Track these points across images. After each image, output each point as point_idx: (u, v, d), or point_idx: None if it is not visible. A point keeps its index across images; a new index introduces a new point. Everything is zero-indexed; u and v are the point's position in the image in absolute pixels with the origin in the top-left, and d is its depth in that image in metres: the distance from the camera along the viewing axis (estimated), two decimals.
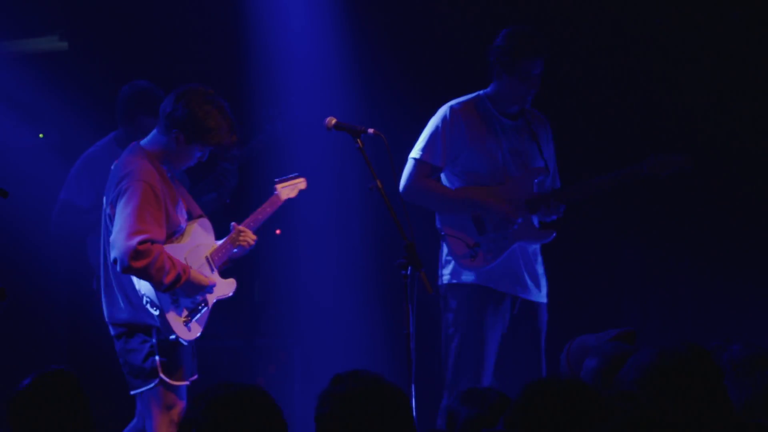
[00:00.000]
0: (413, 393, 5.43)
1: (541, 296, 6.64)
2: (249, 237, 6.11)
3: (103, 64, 8.01)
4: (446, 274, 6.59)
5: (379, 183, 5.83)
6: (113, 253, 5.64)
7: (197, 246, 5.98)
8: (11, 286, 5.67)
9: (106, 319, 5.94)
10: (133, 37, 8.11)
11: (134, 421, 6.09)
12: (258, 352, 7.93)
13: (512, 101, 6.57)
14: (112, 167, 5.93)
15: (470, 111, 6.62)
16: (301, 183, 6.44)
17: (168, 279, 5.67)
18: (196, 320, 5.91)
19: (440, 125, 6.59)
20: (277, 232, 8.09)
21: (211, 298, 5.98)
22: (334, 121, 5.94)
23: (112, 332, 5.92)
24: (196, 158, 5.97)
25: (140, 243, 5.60)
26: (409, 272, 5.75)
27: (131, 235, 5.60)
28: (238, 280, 8.07)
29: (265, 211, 6.30)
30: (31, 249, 7.69)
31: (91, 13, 8.14)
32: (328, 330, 8.09)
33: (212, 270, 6.01)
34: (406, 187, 6.57)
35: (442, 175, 6.67)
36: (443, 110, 6.65)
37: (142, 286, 5.75)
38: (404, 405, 3.66)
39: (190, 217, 5.98)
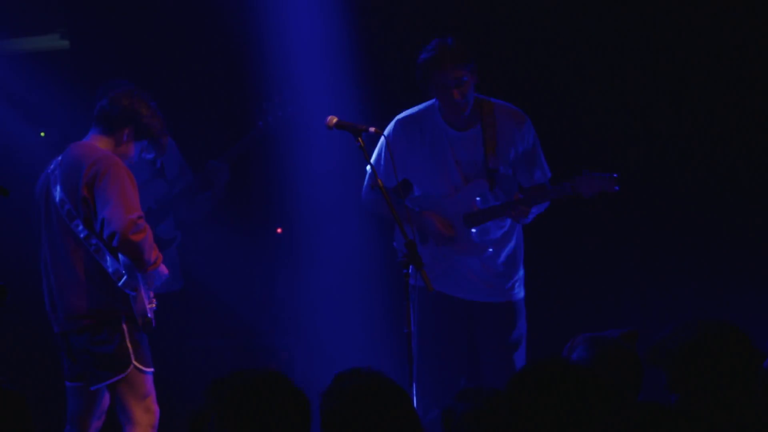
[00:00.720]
0: (414, 392, 5.43)
1: (498, 295, 6.58)
2: None
3: (104, 63, 8.00)
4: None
5: (379, 182, 5.83)
6: (111, 227, 5.74)
7: None
8: (12, 285, 5.68)
9: (61, 316, 5.95)
10: (134, 35, 8.10)
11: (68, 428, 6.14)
12: (258, 351, 7.92)
13: (449, 113, 6.51)
14: (61, 159, 6.00)
15: (415, 123, 6.59)
16: None
17: (154, 256, 5.84)
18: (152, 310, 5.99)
19: (383, 141, 6.50)
20: (278, 230, 8.08)
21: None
22: (335, 119, 5.94)
23: (70, 327, 5.92)
24: (137, 155, 6.12)
25: (139, 217, 5.77)
26: (410, 271, 5.76)
27: (130, 209, 5.76)
28: (238, 279, 8.10)
29: None
30: (31, 247, 7.68)
31: (92, 11, 8.14)
32: (329, 329, 8.08)
33: None
34: (361, 198, 6.62)
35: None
36: (390, 124, 6.63)
37: (123, 267, 5.83)
38: (407, 401, 3.68)
39: None
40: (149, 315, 5.88)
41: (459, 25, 7.69)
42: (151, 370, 5.98)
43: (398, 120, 6.62)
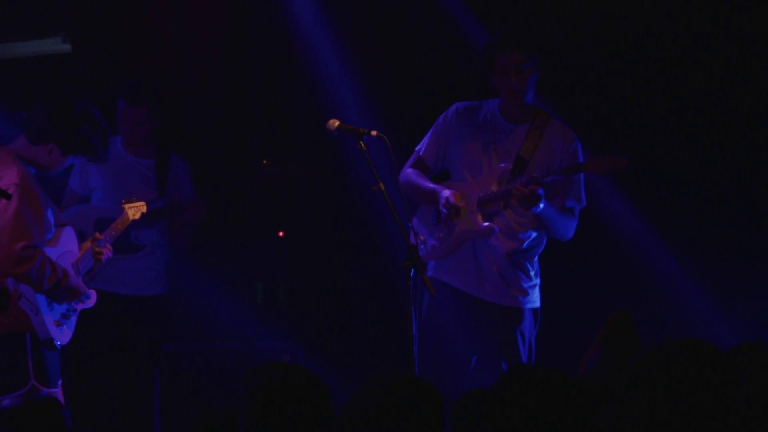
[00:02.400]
0: None
1: (505, 299, 6.52)
2: (106, 251, 6.20)
3: (107, 67, 8.01)
4: None
5: (382, 185, 5.83)
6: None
7: (65, 252, 6.00)
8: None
9: None
10: (137, 39, 8.10)
11: None
12: (261, 355, 7.91)
13: (504, 102, 6.55)
14: None
15: (470, 112, 6.62)
16: (142, 206, 6.72)
17: (49, 283, 5.71)
18: (67, 326, 5.91)
19: (438, 120, 6.65)
20: (280, 234, 8.07)
21: (79, 306, 6.01)
22: (337, 123, 5.94)
23: None
24: (67, 165, 6.04)
25: (24, 249, 5.61)
26: (412, 274, 5.76)
27: (13, 240, 5.60)
28: (241, 283, 8.09)
29: (117, 228, 6.49)
30: None
31: (94, 15, 8.14)
32: (332, 332, 8.08)
33: (78, 277, 6.02)
34: (400, 174, 6.60)
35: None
36: (450, 108, 6.68)
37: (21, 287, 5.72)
38: (441, 406, 3.70)
39: (57, 223, 5.96)
40: (49, 336, 5.74)
41: (470, 26, 7.71)
42: (54, 389, 5.81)
43: (457, 105, 6.68)
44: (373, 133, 5.92)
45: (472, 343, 6.55)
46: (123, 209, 6.64)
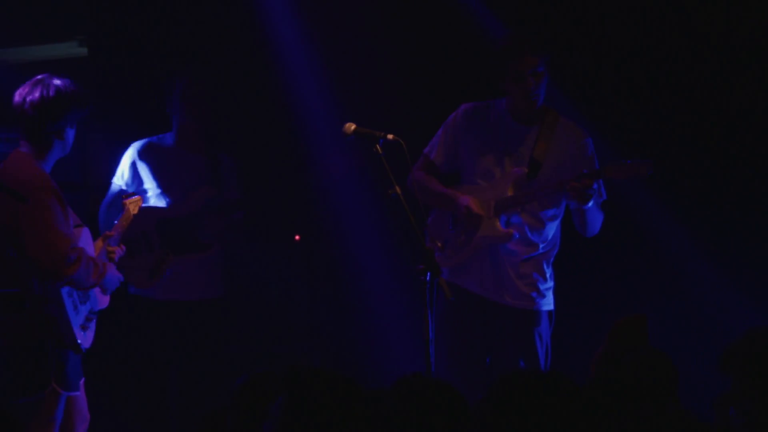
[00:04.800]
0: None
1: (523, 302, 6.51)
2: (118, 251, 6.20)
3: (123, 70, 8.02)
4: None
5: (398, 189, 5.82)
6: (39, 265, 5.56)
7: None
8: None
9: None
10: (152, 42, 8.11)
11: None
12: (277, 358, 7.92)
13: (517, 105, 6.52)
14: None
15: (479, 113, 6.61)
16: (139, 200, 6.63)
17: (94, 278, 5.76)
18: (91, 329, 5.90)
19: (447, 122, 6.64)
20: (296, 238, 8.07)
21: (97, 308, 6.00)
22: (353, 126, 5.93)
23: None
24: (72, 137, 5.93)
25: (72, 250, 5.62)
26: (428, 278, 5.75)
27: (61, 243, 5.60)
28: (258, 287, 8.10)
29: (122, 225, 6.42)
30: None
31: (111, 19, 8.15)
32: (347, 336, 8.07)
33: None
34: (408, 178, 6.57)
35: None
36: (458, 109, 6.66)
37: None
38: (465, 408, 3.72)
39: (73, 224, 5.94)
40: (77, 340, 5.74)
41: (484, 27, 7.70)
42: (76, 392, 5.83)
43: (464, 106, 6.66)
44: (389, 136, 5.92)
45: (488, 345, 6.54)
46: (124, 205, 6.55)
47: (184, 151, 7.30)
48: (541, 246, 6.53)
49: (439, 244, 6.55)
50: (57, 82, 5.81)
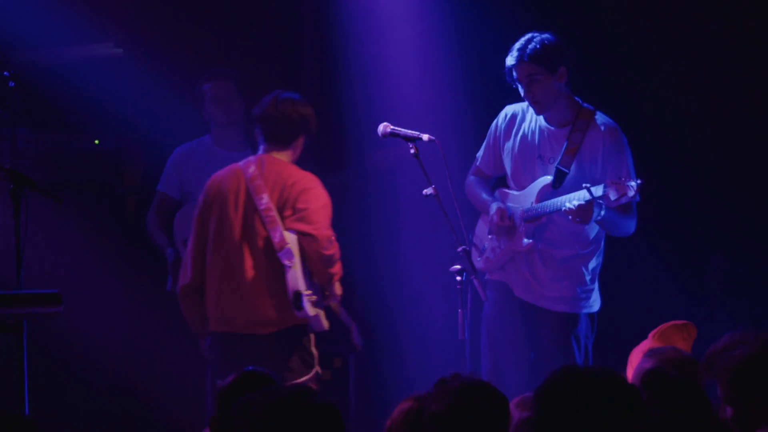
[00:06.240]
0: None
1: (560, 305, 6.44)
2: None
3: (158, 70, 8.04)
4: None
5: (434, 189, 5.82)
6: (329, 249, 6.25)
7: None
8: (72, 293, 5.73)
9: (241, 320, 6.20)
10: (186, 43, 8.14)
11: None
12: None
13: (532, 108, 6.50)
14: (262, 172, 6.26)
15: (518, 117, 6.56)
16: None
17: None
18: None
19: (491, 127, 6.59)
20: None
21: None
22: (389, 127, 5.94)
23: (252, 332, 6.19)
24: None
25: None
26: (464, 278, 5.74)
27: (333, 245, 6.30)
28: None
29: None
30: (83, 251, 7.72)
31: (146, 19, 8.18)
32: (383, 336, 8.07)
33: None
34: (465, 183, 6.62)
35: None
36: (501, 113, 6.63)
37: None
38: (506, 408, 3.73)
39: None
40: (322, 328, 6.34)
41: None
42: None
43: (506, 110, 6.60)
44: (425, 136, 5.92)
45: (529, 344, 6.52)
46: None
47: (224, 151, 7.32)
48: (578, 248, 6.46)
49: (480, 249, 6.54)
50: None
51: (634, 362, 4.67)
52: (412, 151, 5.90)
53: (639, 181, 5.98)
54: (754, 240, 7.67)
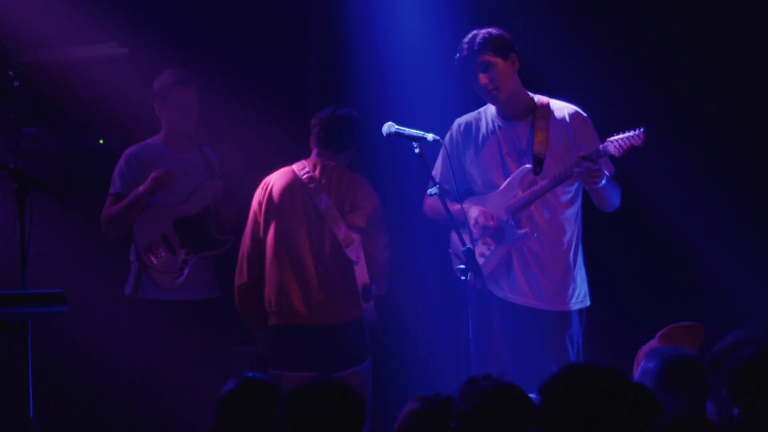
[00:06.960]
0: None
1: (551, 304, 6.45)
2: None
3: (162, 70, 8.04)
4: None
5: (438, 189, 5.82)
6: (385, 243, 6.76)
7: None
8: (78, 293, 5.73)
9: (307, 312, 6.61)
10: (192, 43, 8.14)
11: None
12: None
13: (491, 102, 6.49)
14: (333, 179, 6.72)
15: (473, 124, 6.55)
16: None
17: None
18: None
19: (444, 143, 6.47)
20: None
21: None
22: (395, 127, 5.94)
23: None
24: None
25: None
26: (468, 278, 5.74)
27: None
28: None
29: None
30: (90, 254, 7.74)
31: (151, 19, 8.19)
32: (387, 336, 8.06)
33: None
34: (424, 204, 6.71)
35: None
36: (452, 127, 6.64)
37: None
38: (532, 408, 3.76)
39: None
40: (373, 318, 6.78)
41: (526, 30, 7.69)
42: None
43: (458, 122, 6.62)
44: (429, 136, 5.92)
45: (519, 348, 6.51)
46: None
47: (175, 153, 7.31)
48: (564, 240, 6.46)
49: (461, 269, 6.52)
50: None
51: (642, 362, 4.67)
52: (416, 150, 5.90)
53: (642, 128, 6.02)
54: (750, 239, 7.67)
